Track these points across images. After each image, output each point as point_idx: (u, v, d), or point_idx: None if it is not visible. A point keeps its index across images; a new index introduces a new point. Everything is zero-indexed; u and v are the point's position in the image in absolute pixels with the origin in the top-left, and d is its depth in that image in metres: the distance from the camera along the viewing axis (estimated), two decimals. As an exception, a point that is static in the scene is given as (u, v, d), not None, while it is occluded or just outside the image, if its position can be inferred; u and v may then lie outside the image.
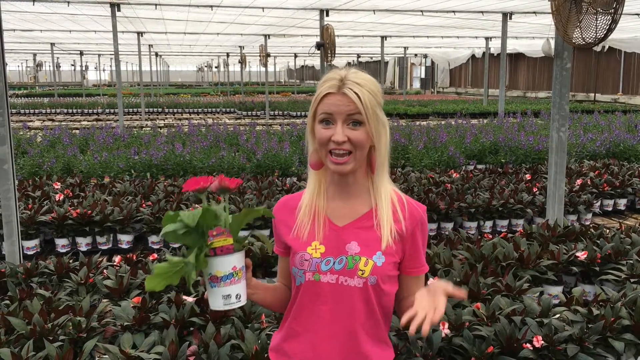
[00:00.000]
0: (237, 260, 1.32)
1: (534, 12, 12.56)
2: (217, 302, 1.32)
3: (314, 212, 1.46)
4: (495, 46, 22.38)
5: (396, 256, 1.43)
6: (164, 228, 1.28)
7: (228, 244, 1.30)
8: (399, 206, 1.44)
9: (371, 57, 37.29)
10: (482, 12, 12.57)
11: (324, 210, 1.46)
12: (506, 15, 13.07)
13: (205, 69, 48.50)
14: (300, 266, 1.43)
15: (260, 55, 18.76)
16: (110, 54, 30.21)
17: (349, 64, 45.53)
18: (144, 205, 5.45)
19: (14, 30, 16.36)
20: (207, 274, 1.31)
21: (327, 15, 11.53)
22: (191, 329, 2.88)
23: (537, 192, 6.08)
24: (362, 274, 1.38)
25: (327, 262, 1.41)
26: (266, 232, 5.05)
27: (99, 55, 32.68)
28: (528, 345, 2.71)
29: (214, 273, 1.30)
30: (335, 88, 1.37)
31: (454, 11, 12.37)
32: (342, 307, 1.40)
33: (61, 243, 5.09)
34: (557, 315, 2.98)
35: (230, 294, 1.31)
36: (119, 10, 11.22)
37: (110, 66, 45.28)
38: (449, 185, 6.27)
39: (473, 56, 28.94)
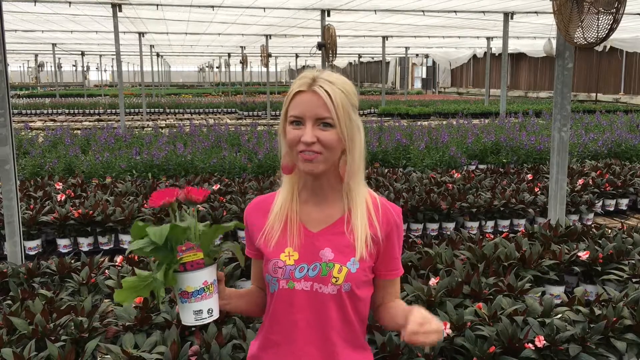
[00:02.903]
0: (208, 275, 1.28)
1: (536, 12, 12.54)
2: (188, 317, 1.29)
3: (286, 217, 1.41)
4: (496, 46, 22.38)
5: (370, 261, 1.40)
6: (131, 244, 1.24)
7: (198, 258, 1.26)
8: (373, 210, 1.40)
9: (372, 58, 37.30)
10: (483, 12, 12.56)
11: (297, 215, 1.41)
12: (507, 15, 13.06)
13: (207, 69, 48.53)
14: (273, 274, 1.38)
15: (261, 56, 18.76)
16: (112, 55, 30.26)
17: (350, 63, 45.57)
18: (145, 205, 5.45)
19: (16, 30, 16.37)
20: (177, 289, 1.27)
21: (329, 15, 11.53)
22: (193, 329, 2.88)
23: (539, 192, 6.08)
24: (336, 281, 1.35)
25: (301, 269, 1.37)
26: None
27: (101, 55, 32.71)
28: (530, 345, 2.70)
29: (184, 289, 1.26)
30: (306, 86, 1.32)
31: (455, 11, 12.36)
32: (318, 315, 1.37)
33: (63, 243, 5.10)
34: (559, 315, 2.98)
35: (201, 309, 1.28)
36: (120, 10, 11.22)
37: (112, 66, 45.32)
38: (450, 185, 6.26)
39: (474, 56, 28.92)
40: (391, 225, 1.41)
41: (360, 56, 32.96)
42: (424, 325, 1.23)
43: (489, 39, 19.04)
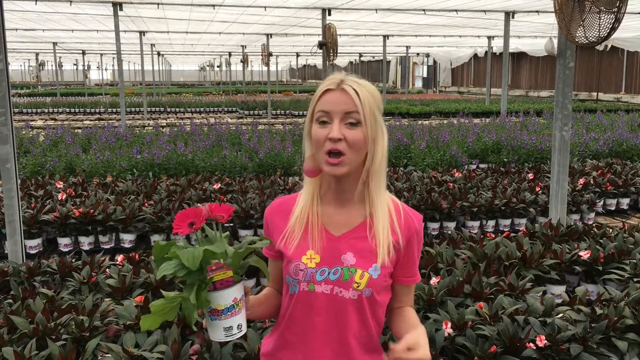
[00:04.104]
0: (237, 292, 1.28)
1: (537, 11, 12.53)
2: (218, 334, 1.29)
3: (307, 220, 1.41)
4: (497, 45, 22.33)
5: (391, 267, 1.40)
6: (161, 268, 1.22)
7: (228, 277, 1.26)
8: (395, 216, 1.41)
9: (373, 57, 37.27)
10: (484, 11, 12.55)
11: (319, 218, 1.42)
12: (509, 15, 13.05)
13: (208, 68, 48.51)
14: (294, 276, 1.39)
15: (262, 55, 18.74)
16: (113, 54, 30.26)
17: (351, 63, 45.54)
18: (146, 204, 5.45)
19: (17, 29, 16.38)
20: (207, 307, 1.27)
21: (329, 14, 11.53)
22: (194, 328, 2.88)
23: (540, 191, 6.07)
24: (358, 287, 1.36)
25: (322, 272, 1.37)
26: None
27: (101, 54, 32.71)
28: (531, 344, 2.70)
29: (214, 307, 1.26)
30: (334, 85, 1.34)
31: (456, 10, 12.35)
32: (336, 318, 1.37)
33: (64, 242, 5.10)
34: (560, 315, 2.97)
35: (231, 325, 1.28)
36: (121, 9, 11.22)
37: (113, 65, 45.31)
38: (451, 184, 6.26)
39: (475, 55, 28.90)
40: (412, 232, 1.42)
41: (361, 55, 32.98)
42: (410, 351, 1.22)
43: (490, 38, 19.03)
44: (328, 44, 10.51)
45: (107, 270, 3.66)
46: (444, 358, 2.74)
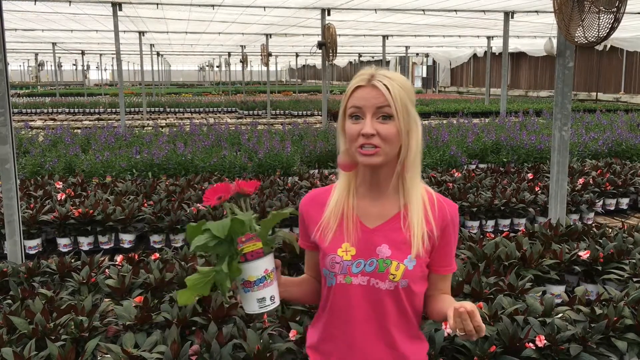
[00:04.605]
0: (267, 263, 1.33)
1: (536, 11, 12.54)
2: (252, 306, 1.33)
3: (342, 212, 1.44)
4: (497, 45, 22.37)
5: (426, 257, 1.42)
6: (193, 242, 1.27)
7: (258, 248, 1.30)
8: (429, 206, 1.42)
9: (372, 57, 37.25)
10: (483, 11, 12.55)
11: (354, 210, 1.44)
12: (508, 15, 13.05)
13: (207, 68, 48.50)
14: (331, 269, 1.42)
15: (261, 55, 18.75)
16: (112, 54, 30.24)
17: (350, 63, 45.52)
18: (145, 204, 5.45)
19: (16, 29, 16.37)
20: (239, 279, 1.32)
21: (329, 14, 11.53)
22: (193, 328, 2.88)
23: (539, 191, 6.07)
24: (394, 278, 1.38)
25: (358, 265, 1.40)
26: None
27: (101, 54, 32.70)
28: (531, 344, 2.70)
29: (246, 278, 1.31)
30: (365, 81, 1.36)
31: (455, 10, 12.36)
32: (374, 309, 1.40)
33: (63, 242, 5.10)
34: (560, 315, 2.97)
35: (264, 296, 1.32)
36: (120, 9, 11.22)
37: (112, 66, 45.30)
38: (450, 184, 6.26)
39: (475, 55, 28.92)
40: (447, 221, 1.43)
41: (360, 55, 32.94)
42: (472, 311, 1.23)
43: (489, 38, 19.03)
44: (327, 44, 10.51)
45: (107, 270, 3.66)
46: (444, 358, 2.74)
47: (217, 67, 38.35)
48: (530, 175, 6.84)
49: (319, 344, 1.51)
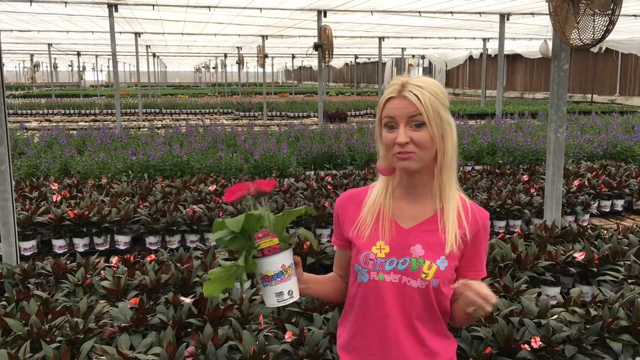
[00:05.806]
0: (285, 259, 1.39)
1: (532, 14, 12.57)
2: (271, 300, 1.40)
3: (378, 212, 1.49)
4: (492, 47, 22.35)
5: (457, 260, 1.46)
6: (214, 235, 1.39)
7: (274, 244, 1.38)
8: (463, 212, 1.47)
9: (369, 58, 37.30)
10: (479, 13, 12.57)
11: (389, 210, 1.49)
12: (504, 17, 13.09)
13: (203, 69, 48.45)
14: (364, 265, 1.46)
15: (258, 56, 18.73)
16: (108, 55, 30.15)
17: (346, 64, 45.56)
18: (141, 206, 5.44)
19: (11, 30, 16.33)
20: (258, 274, 1.39)
21: (325, 16, 11.54)
22: (189, 330, 2.87)
23: (535, 193, 6.09)
24: (426, 277, 1.42)
25: (391, 262, 1.45)
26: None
27: (97, 55, 32.64)
28: (526, 346, 2.71)
29: (264, 273, 1.38)
30: (396, 92, 1.41)
31: (451, 12, 12.38)
32: (403, 306, 1.44)
33: (58, 244, 5.08)
34: (555, 316, 2.98)
35: (282, 291, 1.39)
36: (116, 10, 11.20)
37: (108, 67, 45.20)
38: (446, 186, 6.26)
39: (470, 57, 28.97)
40: (479, 226, 1.48)
41: (356, 57, 32.99)
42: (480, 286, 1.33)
43: (485, 40, 19.07)
44: (324, 46, 10.52)
45: (102, 272, 3.65)
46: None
47: (214, 68, 38.33)
48: (525, 177, 6.86)
49: (350, 341, 1.53)
